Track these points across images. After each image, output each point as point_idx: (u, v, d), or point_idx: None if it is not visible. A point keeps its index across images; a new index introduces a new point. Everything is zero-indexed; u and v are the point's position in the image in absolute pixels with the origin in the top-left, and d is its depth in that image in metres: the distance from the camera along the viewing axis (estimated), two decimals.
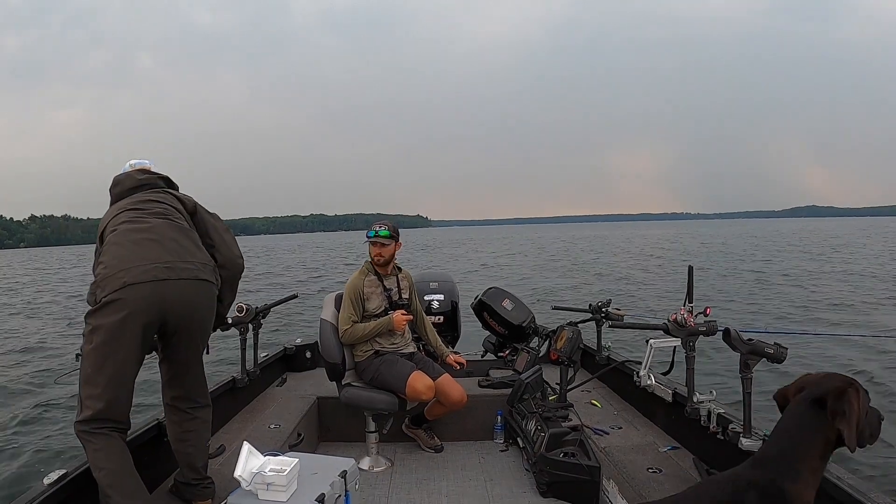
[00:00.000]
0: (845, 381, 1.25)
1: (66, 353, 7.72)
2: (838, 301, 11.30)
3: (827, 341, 7.39)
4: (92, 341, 1.74)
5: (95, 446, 1.74)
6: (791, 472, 1.19)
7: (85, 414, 1.75)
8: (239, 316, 3.07)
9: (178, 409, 2.02)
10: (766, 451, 1.26)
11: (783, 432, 1.26)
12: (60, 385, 5.49)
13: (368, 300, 2.96)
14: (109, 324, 1.73)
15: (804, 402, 1.26)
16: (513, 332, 3.54)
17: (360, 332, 2.90)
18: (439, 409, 3.00)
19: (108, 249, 1.84)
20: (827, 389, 1.23)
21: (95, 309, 1.76)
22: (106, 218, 1.98)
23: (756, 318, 9.44)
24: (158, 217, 1.95)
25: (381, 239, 2.96)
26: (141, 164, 2.15)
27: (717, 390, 2.50)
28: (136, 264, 1.78)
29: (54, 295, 17.74)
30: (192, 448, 2.03)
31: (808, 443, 1.22)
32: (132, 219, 1.92)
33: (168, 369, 2.00)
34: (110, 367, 1.74)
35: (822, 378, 1.28)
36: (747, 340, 2.08)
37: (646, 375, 2.66)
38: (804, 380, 1.32)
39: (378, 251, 2.97)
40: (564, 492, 2.50)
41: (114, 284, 1.74)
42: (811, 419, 1.23)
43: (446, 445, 3.14)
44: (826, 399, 1.22)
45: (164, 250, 1.85)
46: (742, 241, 38.76)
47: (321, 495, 1.87)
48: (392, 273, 3.07)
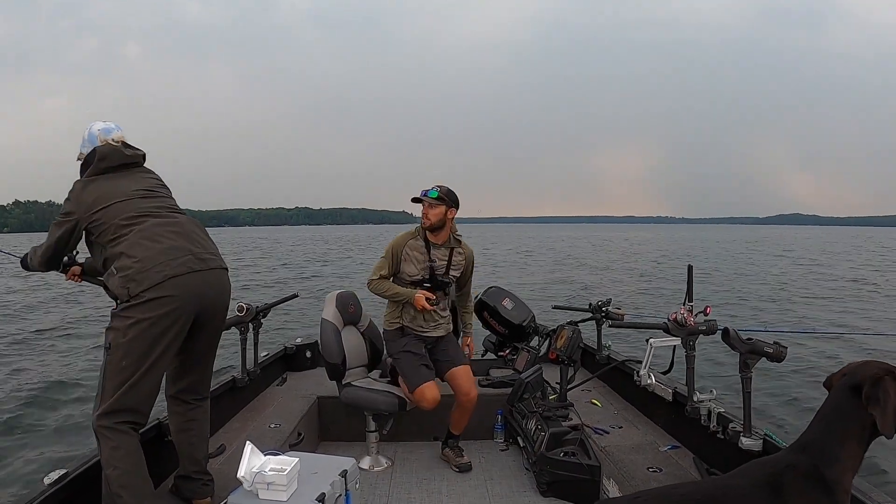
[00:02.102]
0: (884, 368, 1.26)
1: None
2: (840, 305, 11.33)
3: (826, 341, 7.40)
4: (127, 335, 1.75)
5: (113, 443, 1.75)
6: (829, 457, 1.21)
7: (110, 406, 1.75)
8: (239, 315, 3.07)
9: (183, 400, 2.05)
10: (806, 437, 1.28)
11: (822, 418, 1.28)
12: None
13: (406, 262, 2.79)
14: (155, 317, 1.76)
15: (842, 388, 1.28)
16: (513, 331, 3.54)
17: (382, 289, 2.80)
18: (458, 415, 2.88)
19: (137, 243, 1.83)
20: (864, 376, 1.25)
21: (136, 304, 1.76)
22: (103, 197, 1.91)
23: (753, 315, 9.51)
24: (176, 212, 2.01)
25: (429, 199, 2.73)
26: (118, 135, 2.07)
27: (717, 389, 2.50)
28: (173, 257, 1.82)
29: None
30: (195, 438, 2.05)
31: (846, 429, 1.24)
32: (153, 211, 1.94)
33: (182, 361, 2.01)
34: (147, 362, 1.77)
35: (861, 365, 1.30)
36: (746, 340, 2.08)
37: (646, 375, 2.66)
38: (848, 367, 1.34)
39: (424, 211, 2.75)
40: (565, 491, 2.50)
41: (154, 278, 1.77)
42: (848, 405, 1.25)
43: None
44: (863, 385, 1.24)
45: (191, 242, 1.91)
46: (737, 246, 39.06)
47: (321, 495, 1.87)
48: (447, 244, 2.82)
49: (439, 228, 2.77)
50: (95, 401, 1.82)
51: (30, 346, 8.82)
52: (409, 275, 2.80)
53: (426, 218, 2.74)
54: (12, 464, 4.35)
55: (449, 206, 2.75)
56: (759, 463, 1.31)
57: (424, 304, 2.72)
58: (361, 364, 3.10)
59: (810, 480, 1.19)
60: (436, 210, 2.73)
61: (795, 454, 1.26)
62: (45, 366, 7.58)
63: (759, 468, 1.28)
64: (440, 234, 2.79)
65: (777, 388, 5.49)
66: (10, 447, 4.67)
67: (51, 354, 8.21)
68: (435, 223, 2.74)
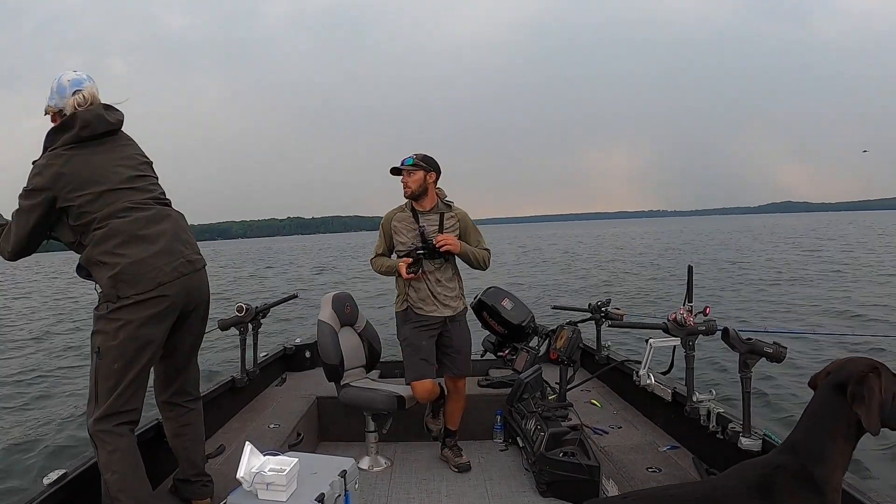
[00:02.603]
0: (868, 364, 1.26)
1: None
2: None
3: (828, 341, 7.38)
4: (117, 338, 1.72)
5: (110, 447, 1.73)
6: (818, 457, 1.21)
7: (106, 410, 1.73)
8: (238, 316, 3.07)
9: (176, 404, 2.03)
10: (793, 437, 1.28)
11: (809, 417, 1.28)
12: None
13: (397, 233, 2.79)
14: (144, 318, 1.73)
15: (827, 387, 1.28)
16: (512, 331, 3.54)
17: (378, 265, 2.84)
18: (451, 406, 2.93)
19: (129, 241, 1.75)
20: (849, 373, 1.25)
21: (125, 305, 1.72)
22: (89, 181, 1.76)
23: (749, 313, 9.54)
24: (163, 202, 1.93)
25: (405, 167, 2.71)
26: (90, 88, 1.88)
27: (717, 389, 2.50)
28: (165, 261, 1.79)
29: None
30: (190, 442, 2.04)
31: (833, 427, 1.24)
32: (144, 204, 1.84)
33: (169, 365, 1.98)
34: (139, 363, 1.75)
35: (845, 362, 1.30)
36: (746, 340, 2.08)
37: (645, 375, 2.66)
38: (832, 365, 1.34)
39: (404, 180, 2.73)
40: (564, 491, 2.50)
41: (146, 284, 1.74)
42: (833, 404, 1.26)
43: None
44: (847, 383, 1.24)
45: (182, 243, 1.87)
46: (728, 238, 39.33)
47: (321, 495, 1.87)
48: (434, 210, 2.78)
49: (423, 195, 2.75)
50: (88, 405, 1.78)
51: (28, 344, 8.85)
52: (402, 243, 2.78)
53: (406, 187, 2.73)
54: (12, 464, 4.35)
55: (427, 170, 2.72)
56: (749, 464, 1.31)
57: (404, 272, 2.68)
58: (359, 365, 3.11)
59: (800, 480, 1.19)
60: (414, 177, 2.70)
61: (785, 454, 1.26)
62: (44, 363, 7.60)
63: (750, 469, 1.28)
64: (425, 200, 2.76)
65: (777, 387, 5.49)
66: (9, 447, 4.67)
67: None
68: (416, 190, 2.72)
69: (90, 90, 1.89)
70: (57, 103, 1.88)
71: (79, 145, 1.80)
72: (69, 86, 1.88)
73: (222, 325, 3.07)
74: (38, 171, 1.77)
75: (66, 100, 1.87)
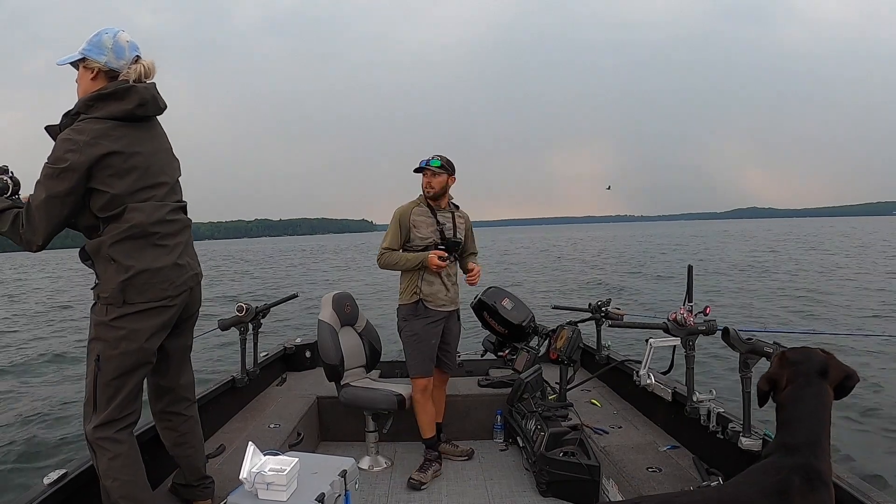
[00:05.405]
0: (820, 350, 1.36)
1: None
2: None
3: (828, 340, 7.38)
4: (118, 347, 1.66)
5: (111, 454, 1.67)
6: (820, 452, 1.24)
7: (107, 417, 1.67)
8: (239, 316, 3.06)
9: (174, 413, 1.95)
10: (795, 437, 1.28)
11: (808, 415, 1.29)
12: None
13: (417, 228, 2.82)
14: (144, 329, 1.68)
15: (811, 380, 1.31)
16: (512, 331, 3.54)
17: (393, 260, 2.82)
18: (438, 399, 3.02)
19: (148, 249, 1.68)
20: (822, 361, 1.33)
21: (129, 313, 1.65)
22: (139, 177, 1.60)
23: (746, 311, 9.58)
24: (183, 208, 1.86)
25: (431, 167, 2.81)
26: (150, 62, 1.66)
27: (716, 389, 2.50)
28: (178, 275, 1.75)
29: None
30: (192, 449, 2.01)
31: (827, 419, 1.28)
32: (169, 207, 1.75)
33: (161, 372, 1.90)
34: (139, 374, 1.73)
35: (802, 355, 1.36)
36: (746, 340, 2.08)
37: (645, 375, 2.66)
38: (785, 361, 1.37)
39: (427, 180, 2.82)
40: (564, 491, 2.50)
41: (155, 294, 1.68)
42: (823, 395, 1.29)
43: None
44: (827, 371, 1.30)
45: (190, 256, 1.85)
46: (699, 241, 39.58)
47: (321, 495, 1.87)
48: (448, 209, 2.91)
49: (441, 196, 2.86)
50: (86, 412, 1.71)
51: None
52: (422, 238, 2.83)
53: (430, 187, 2.82)
54: (12, 464, 4.35)
55: (450, 174, 2.86)
56: (760, 470, 1.30)
57: (438, 262, 2.74)
58: (359, 365, 3.11)
59: (813, 481, 1.20)
60: (439, 178, 2.82)
61: (790, 456, 1.26)
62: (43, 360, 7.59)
63: (762, 476, 1.27)
64: (441, 200, 2.89)
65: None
66: (10, 447, 4.67)
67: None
68: (438, 191, 2.83)
69: (151, 62, 1.65)
70: (110, 62, 1.60)
71: (125, 124, 1.58)
72: (128, 48, 1.62)
73: (222, 324, 3.07)
74: (75, 147, 1.50)
75: (124, 62, 1.61)
